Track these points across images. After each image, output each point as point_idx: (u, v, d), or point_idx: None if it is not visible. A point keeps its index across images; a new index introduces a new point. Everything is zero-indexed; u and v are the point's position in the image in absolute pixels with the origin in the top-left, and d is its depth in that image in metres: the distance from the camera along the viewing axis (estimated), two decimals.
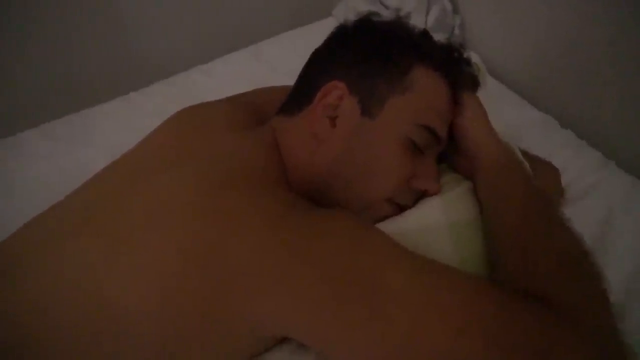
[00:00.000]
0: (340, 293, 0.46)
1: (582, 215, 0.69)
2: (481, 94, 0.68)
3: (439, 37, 0.70)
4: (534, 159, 0.71)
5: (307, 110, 0.63)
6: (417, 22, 1.14)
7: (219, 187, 0.53)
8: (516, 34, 1.06)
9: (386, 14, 0.70)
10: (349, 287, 0.46)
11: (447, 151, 0.67)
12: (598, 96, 0.92)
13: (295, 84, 0.69)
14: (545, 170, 0.72)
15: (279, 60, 1.19)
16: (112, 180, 0.62)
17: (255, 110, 0.74)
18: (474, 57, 0.72)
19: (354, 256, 0.48)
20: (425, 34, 0.67)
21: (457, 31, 1.16)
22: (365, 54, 0.62)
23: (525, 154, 0.70)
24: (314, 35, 0.71)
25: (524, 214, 0.54)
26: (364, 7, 1.19)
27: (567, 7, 0.92)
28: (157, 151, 0.65)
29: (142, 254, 0.49)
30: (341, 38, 0.67)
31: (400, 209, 0.62)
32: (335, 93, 0.61)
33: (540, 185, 0.61)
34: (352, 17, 0.68)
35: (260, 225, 0.49)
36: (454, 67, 0.65)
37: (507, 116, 0.85)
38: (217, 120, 0.68)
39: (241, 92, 0.84)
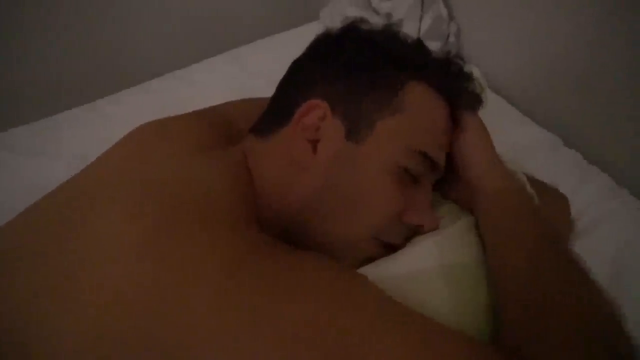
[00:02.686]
0: (294, 350, 0.37)
1: (592, 250, 0.62)
2: (482, 111, 0.60)
3: (433, 45, 0.62)
4: (540, 186, 0.63)
5: (284, 132, 0.54)
6: (410, 29, 1.06)
7: (171, 225, 0.44)
8: (514, 42, 1.00)
9: (376, 21, 0.62)
10: (303, 344, 0.37)
11: (443, 179, 0.58)
12: (602, 109, 0.86)
13: (271, 99, 0.60)
14: (553, 199, 0.64)
15: (261, 66, 1.10)
16: (53, 210, 0.52)
17: (227, 127, 0.65)
18: (475, 72, 0.64)
19: (331, 320, 0.39)
20: (419, 44, 0.59)
21: (452, 39, 1.09)
22: (351, 68, 0.54)
23: (531, 180, 0.62)
24: (301, 39, 0.61)
25: (534, 262, 0.46)
26: (353, 12, 1.10)
27: (568, 14, 0.86)
28: (108, 175, 0.55)
29: (75, 296, 0.41)
30: (324, 48, 0.58)
31: (389, 248, 0.53)
32: (316, 113, 0.52)
33: (548, 217, 0.52)
34: (338, 22, 0.59)
35: (212, 270, 0.40)
36: (452, 83, 0.57)
37: (507, 135, 0.78)
38: (181, 139, 0.59)
39: (219, 100, 0.75)
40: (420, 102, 0.54)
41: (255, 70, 1.11)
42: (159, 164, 0.54)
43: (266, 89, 0.65)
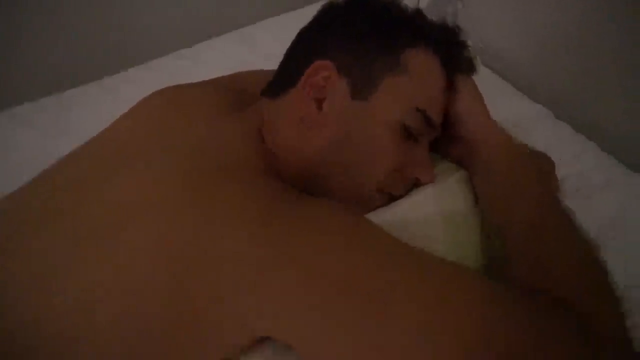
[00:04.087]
0: (331, 294, 0.42)
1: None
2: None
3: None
4: (529, 149, 0.68)
5: (293, 92, 0.58)
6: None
7: (203, 179, 0.49)
8: (517, 23, 1.03)
9: None
10: (340, 288, 0.42)
11: (440, 139, 0.62)
12: (601, 92, 0.89)
13: (280, 63, 0.64)
14: (541, 161, 0.68)
15: (268, 46, 1.13)
16: (80, 169, 0.57)
17: (240, 93, 0.69)
18: (469, 42, 0.68)
19: (348, 254, 0.44)
20: (419, 12, 0.63)
21: (450, 18, 1.12)
22: (356, 33, 0.58)
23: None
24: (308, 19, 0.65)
25: (540, 210, 0.51)
26: None
27: (587, 7, 0.88)
28: (131, 137, 0.60)
29: (115, 251, 0.45)
30: (330, 15, 0.62)
31: (392, 199, 0.58)
32: (323, 73, 0.56)
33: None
34: None
35: (247, 219, 0.45)
36: (449, 49, 0.61)
37: (500, 108, 0.82)
38: (199, 103, 0.63)
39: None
40: (419, 64, 0.58)
41: (264, 50, 1.12)
42: (184, 125, 0.58)
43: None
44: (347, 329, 0.41)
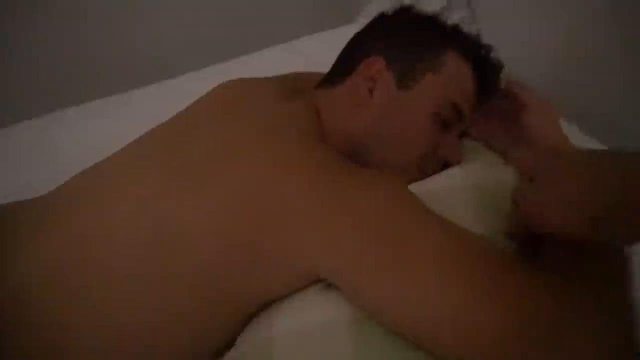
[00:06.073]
0: (374, 237, 0.52)
1: None
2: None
3: None
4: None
5: (349, 81, 0.71)
6: None
7: (274, 135, 0.61)
8: (532, 44, 1.11)
9: None
10: (383, 234, 0.52)
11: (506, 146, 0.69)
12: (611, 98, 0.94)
13: (337, 60, 0.78)
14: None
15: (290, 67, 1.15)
16: (172, 131, 0.70)
17: (293, 86, 0.82)
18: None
19: (392, 208, 0.55)
20: (456, 25, 0.77)
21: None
22: (404, 36, 0.72)
23: None
24: (334, 41, 0.76)
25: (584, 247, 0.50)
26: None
27: (587, 13, 0.94)
28: (211, 107, 0.73)
29: (209, 186, 0.58)
30: (382, 22, 0.76)
31: (425, 176, 0.70)
32: (374, 67, 0.69)
33: None
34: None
35: (310, 168, 0.57)
36: (480, 54, 0.74)
37: None
38: (263, 90, 0.76)
39: None
40: (454, 64, 0.71)
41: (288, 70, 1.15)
42: (250, 102, 0.71)
43: None
44: (382, 268, 0.51)
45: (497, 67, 0.76)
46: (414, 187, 0.66)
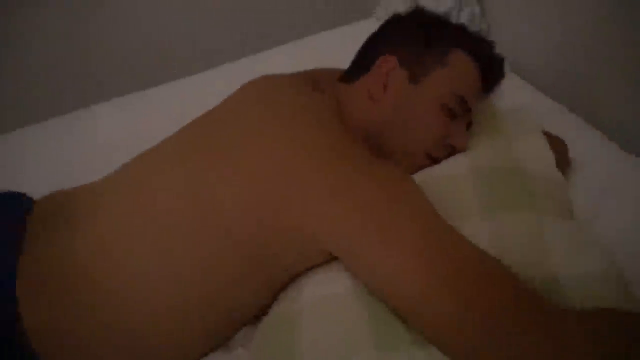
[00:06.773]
0: (368, 220, 0.60)
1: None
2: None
3: None
4: (547, 134, 0.85)
5: (365, 77, 0.79)
6: None
7: (295, 123, 0.69)
8: (543, 41, 1.15)
9: None
10: (375, 218, 0.60)
11: None
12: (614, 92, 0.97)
13: (355, 58, 0.86)
14: (555, 143, 0.85)
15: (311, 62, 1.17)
16: (210, 121, 0.78)
17: (316, 80, 0.89)
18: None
19: (393, 196, 0.63)
20: (463, 26, 0.84)
21: (468, 24, 1.26)
22: (415, 36, 0.79)
23: (543, 131, 0.83)
24: (350, 37, 0.84)
25: None
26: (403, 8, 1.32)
27: (599, 13, 0.96)
28: (243, 100, 0.81)
29: (241, 164, 0.66)
30: (395, 23, 0.84)
31: (434, 162, 0.77)
32: (388, 64, 0.77)
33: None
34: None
35: (323, 153, 0.65)
36: (485, 53, 0.81)
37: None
38: (287, 85, 0.83)
39: None
40: (461, 61, 0.78)
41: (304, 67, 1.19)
42: (276, 93, 0.78)
43: None
44: (364, 246, 0.60)
45: (499, 62, 0.83)
46: (424, 172, 0.75)
